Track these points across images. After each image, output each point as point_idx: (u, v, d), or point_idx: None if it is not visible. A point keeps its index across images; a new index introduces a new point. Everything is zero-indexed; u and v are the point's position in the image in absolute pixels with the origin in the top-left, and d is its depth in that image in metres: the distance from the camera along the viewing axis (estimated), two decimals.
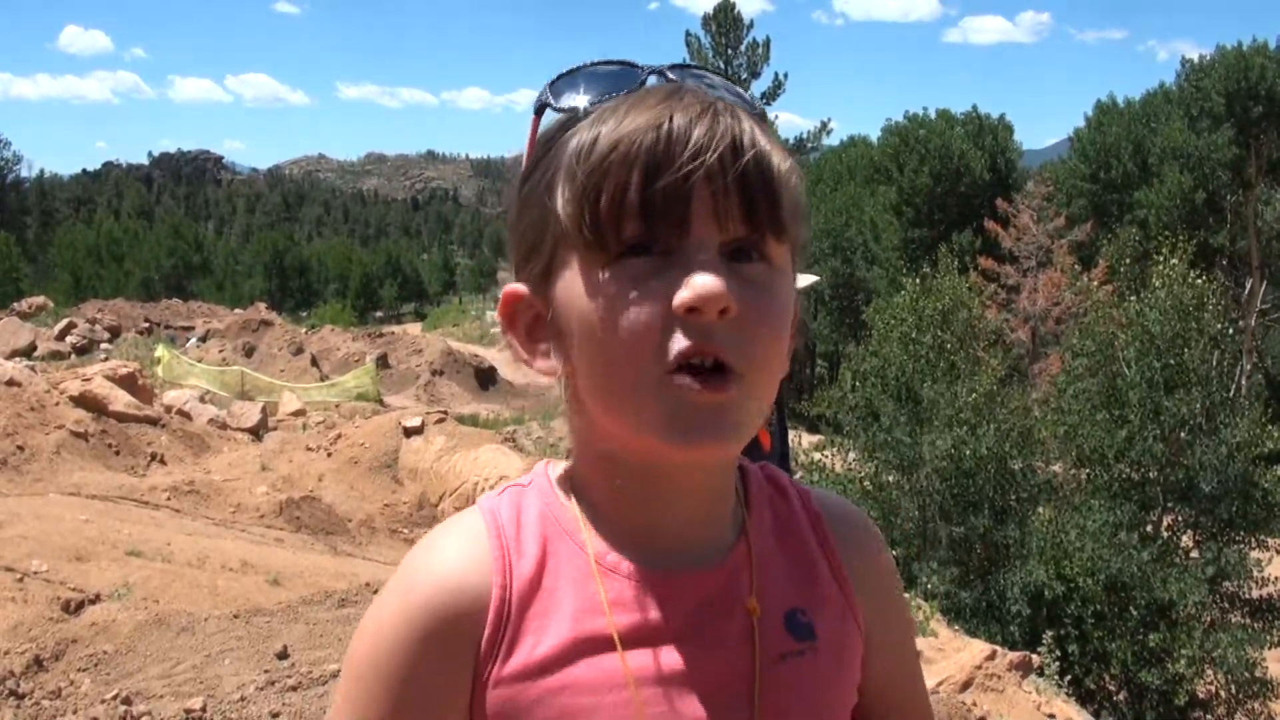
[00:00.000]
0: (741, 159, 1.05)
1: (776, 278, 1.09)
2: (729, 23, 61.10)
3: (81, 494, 12.41)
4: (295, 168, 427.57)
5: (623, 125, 1.07)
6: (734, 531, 1.23)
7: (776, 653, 1.18)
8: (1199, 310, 19.30)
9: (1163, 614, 17.63)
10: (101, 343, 37.96)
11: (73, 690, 6.51)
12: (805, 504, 1.31)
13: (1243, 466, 18.82)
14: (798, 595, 1.23)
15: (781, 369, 1.12)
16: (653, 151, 1.04)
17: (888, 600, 1.32)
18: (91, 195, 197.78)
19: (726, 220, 1.05)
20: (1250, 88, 51.47)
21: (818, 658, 1.20)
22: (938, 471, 18.17)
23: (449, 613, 1.14)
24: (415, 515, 15.14)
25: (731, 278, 1.04)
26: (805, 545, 1.27)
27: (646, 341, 1.04)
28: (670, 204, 1.04)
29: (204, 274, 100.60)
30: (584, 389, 1.12)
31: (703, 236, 1.05)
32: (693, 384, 1.04)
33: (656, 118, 1.06)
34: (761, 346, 1.07)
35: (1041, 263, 41.48)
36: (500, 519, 1.20)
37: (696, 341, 1.03)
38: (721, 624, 1.17)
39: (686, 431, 1.05)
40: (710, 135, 1.05)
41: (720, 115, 1.07)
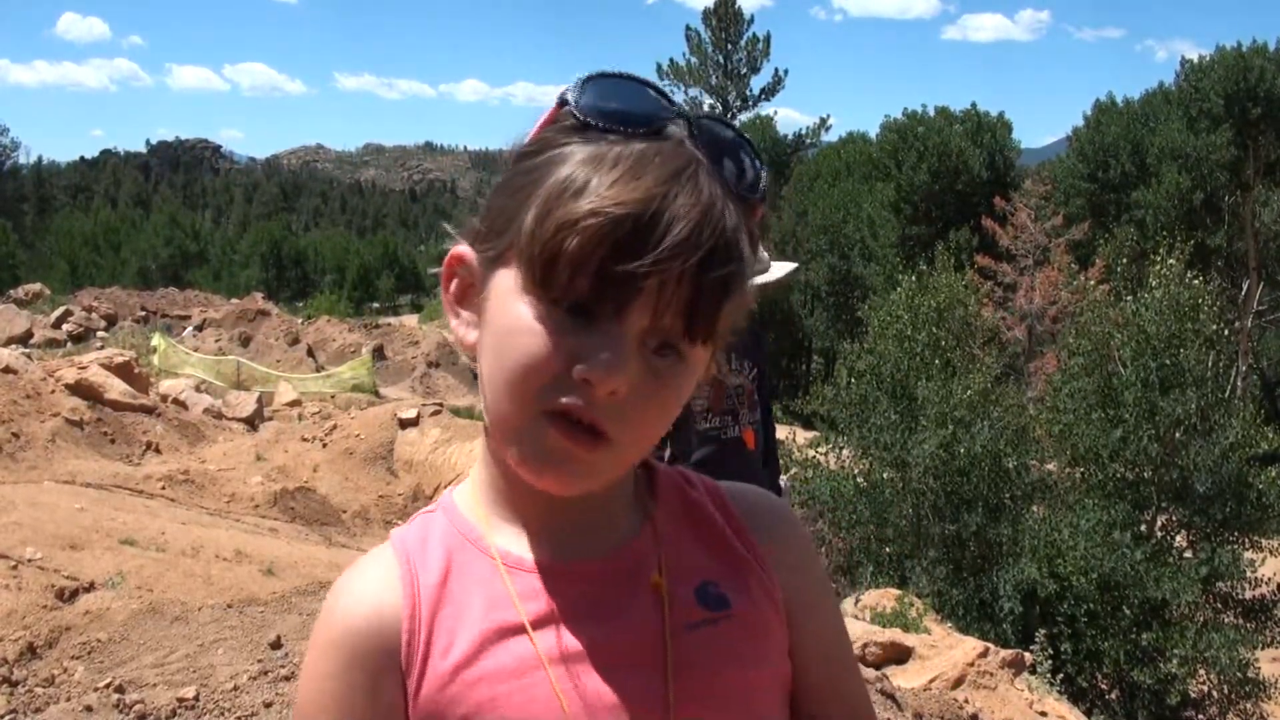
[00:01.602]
0: (704, 277, 1.08)
1: (683, 373, 1.13)
2: (729, 18, 61.12)
3: (76, 482, 12.40)
4: (293, 158, 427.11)
5: (611, 190, 1.07)
6: (638, 521, 1.28)
7: (686, 621, 1.21)
8: (1195, 311, 19.31)
9: (1156, 613, 17.66)
10: (98, 331, 37.94)
11: (66, 678, 6.51)
12: (713, 495, 1.34)
13: (1237, 467, 18.83)
14: (709, 570, 1.26)
15: (658, 436, 1.16)
16: (627, 236, 1.05)
17: (805, 579, 1.34)
18: (89, 183, 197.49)
19: (662, 318, 1.08)
20: (1249, 89, 51.48)
21: (733, 626, 1.23)
22: (930, 470, 18.17)
23: (366, 636, 1.20)
24: (410, 507, 15.12)
25: (638, 365, 1.09)
26: (715, 527, 1.30)
27: (536, 382, 1.09)
28: (619, 289, 1.06)
29: (201, 263, 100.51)
30: (481, 378, 1.18)
31: (631, 324, 1.08)
32: (559, 436, 1.10)
33: (645, 199, 1.06)
34: (641, 426, 1.13)
35: (1039, 261, 41.47)
36: (407, 542, 1.27)
37: (578, 405, 1.09)
38: (627, 600, 1.21)
39: (540, 471, 1.13)
40: (687, 245, 1.06)
41: (709, 224, 1.08)
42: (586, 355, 1.07)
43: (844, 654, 1.39)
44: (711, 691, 1.20)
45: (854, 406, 19.98)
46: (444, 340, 45.25)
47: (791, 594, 1.30)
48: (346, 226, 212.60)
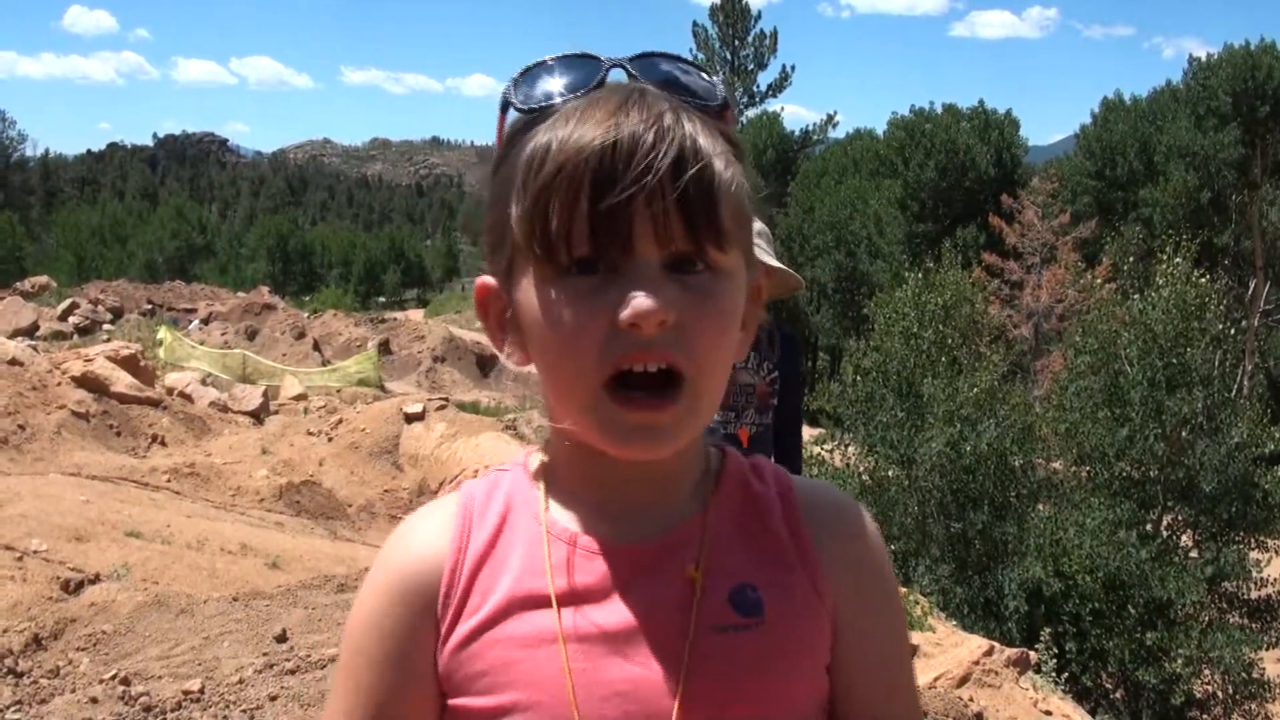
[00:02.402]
0: (682, 178, 1.09)
1: (720, 282, 1.14)
2: (736, 14, 61.01)
3: (82, 474, 12.43)
4: (299, 152, 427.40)
5: (570, 139, 1.10)
6: (692, 509, 1.26)
7: (714, 623, 1.19)
8: (1201, 310, 19.29)
9: (1161, 613, 17.65)
10: (104, 324, 38.03)
11: (71, 670, 6.52)
12: (783, 490, 1.31)
13: (1243, 467, 18.82)
14: (752, 572, 1.23)
15: (728, 363, 1.18)
16: (596, 172, 1.08)
17: (867, 587, 1.29)
18: (96, 176, 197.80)
19: (667, 238, 1.10)
20: (1257, 87, 51.39)
21: (764, 635, 1.20)
22: (937, 468, 18.16)
23: (412, 578, 1.23)
24: (415, 501, 15.14)
25: (673, 289, 1.10)
26: (771, 527, 1.27)
27: (588, 356, 1.11)
28: (614, 225, 1.08)
29: (207, 257, 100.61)
30: (543, 386, 1.21)
31: (645, 254, 1.10)
32: (632, 411, 1.12)
33: (603, 132, 1.09)
34: (704, 348, 1.13)
35: (1045, 259, 41.40)
36: (473, 495, 1.29)
37: (636, 351, 1.10)
38: (659, 590, 1.20)
39: (619, 443, 1.15)
40: (653, 153, 1.08)
41: (667, 129, 1.10)
42: (620, 302, 1.09)
43: (897, 671, 1.33)
44: (724, 698, 1.17)
45: (860, 404, 19.97)
46: (450, 335, 45.27)
47: (844, 602, 1.26)
48: (353, 221, 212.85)
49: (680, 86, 1.20)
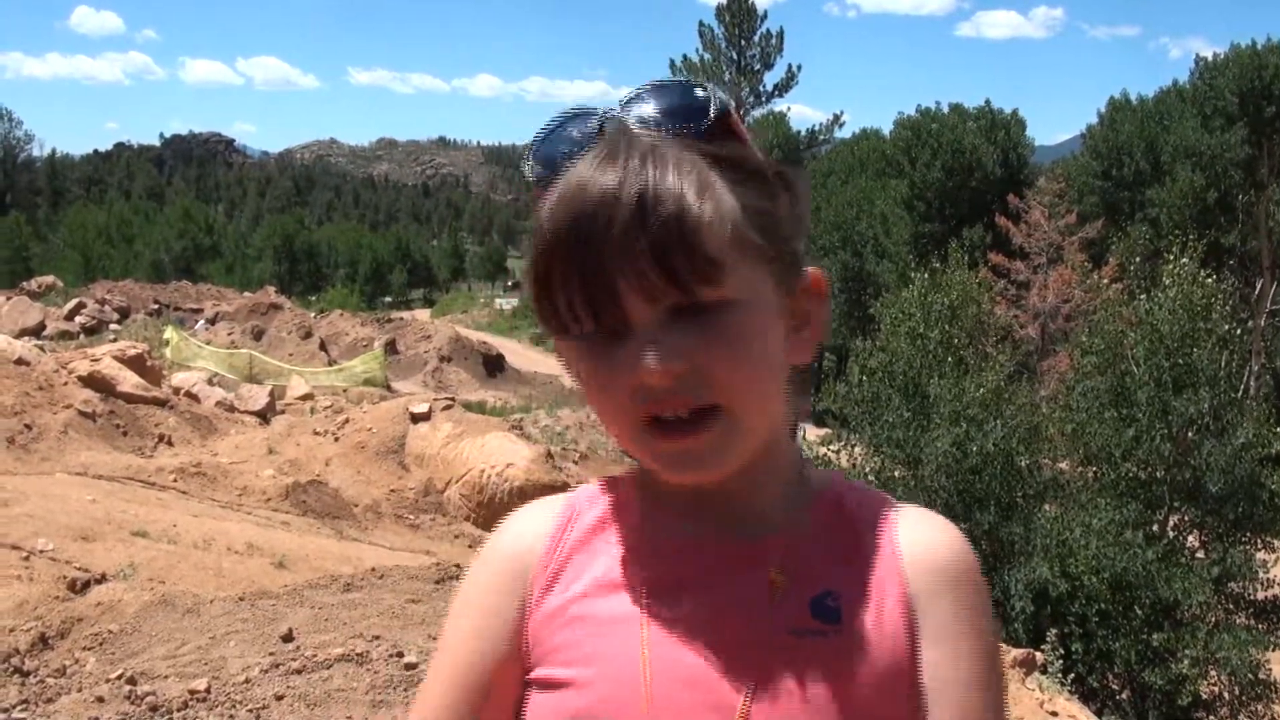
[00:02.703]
0: (646, 230, 1.09)
1: (730, 312, 1.13)
2: (742, 14, 60.98)
3: (88, 474, 12.45)
4: (306, 152, 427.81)
5: (552, 213, 1.14)
6: (781, 521, 1.27)
7: (792, 626, 1.20)
8: (1208, 310, 19.26)
9: (1167, 614, 17.63)
10: (110, 323, 38.10)
11: (77, 669, 6.53)
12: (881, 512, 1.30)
13: (1250, 467, 18.78)
14: (834, 583, 1.23)
15: (768, 379, 1.19)
16: (571, 243, 1.11)
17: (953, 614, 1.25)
18: (102, 176, 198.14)
19: (653, 293, 1.11)
20: (1264, 87, 51.35)
21: (839, 641, 1.20)
22: (943, 468, 18.16)
23: (513, 556, 1.30)
24: (421, 501, 15.18)
25: (679, 336, 1.12)
26: (862, 545, 1.26)
27: (620, 411, 1.16)
28: (599, 294, 1.11)
29: (214, 257, 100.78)
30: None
31: (640, 312, 1.11)
32: (670, 441, 1.15)
33: (575, 202, 1.12)
34: (728, 378, 1.14)
35: (1052, 259, 41.38)
36: (579, 494, 1.36)
37: (657, 405, 1.14)
38: (741, 590, 1.21)
39: (673, 473, 1.19)
40: (613, 212, 1.09)
41: (629, 181, 1.11)
42: (630, 364, 1.11)
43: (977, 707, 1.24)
44: (792, 698, 1.17)
45: (866, 404, 19.96)
46: (456, 335, 45.33)
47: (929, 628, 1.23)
48: (359, 221, 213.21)
49: (672, 115, 1.20)
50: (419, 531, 14.45)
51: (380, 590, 8.02)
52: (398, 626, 7.05)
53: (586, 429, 23.17)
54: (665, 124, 1.18)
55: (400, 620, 7.23)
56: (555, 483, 15.49)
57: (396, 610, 7.46)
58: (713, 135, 1.19)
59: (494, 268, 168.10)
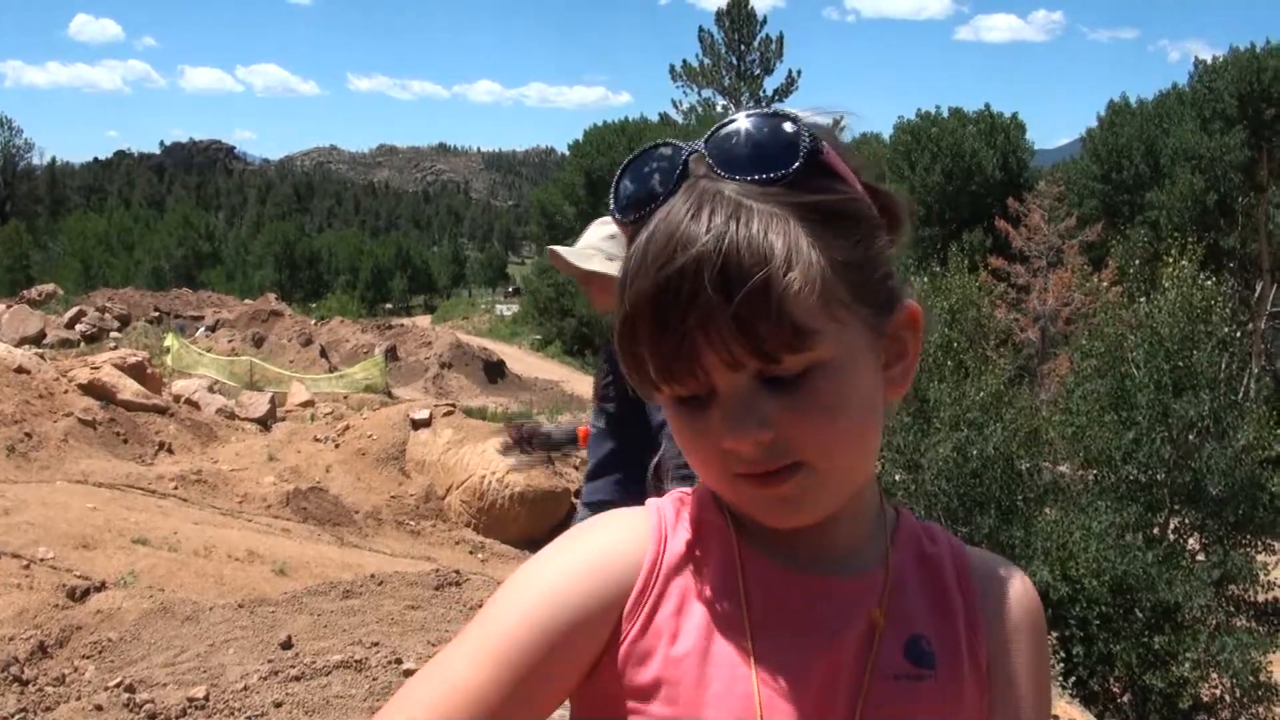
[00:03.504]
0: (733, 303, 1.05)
1: (819, 376, 1.10)
2: (742, 19, 61.15)
3: (89, 482, 12.45)
4: (306, 159, 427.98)
5: (634, 278, 1.10)
6: (875, 557, 1.26)
7: (890, 671, 1.20)
8: (1208, 313, 19.27)
9: (1168, 616, 17.62)
10: (111, 331, 38.05)
11: (77, 677, 6.53)
12: (954, 551, 1.33)
13: (1250, 470, 18.78)
14: (926, 625, 1.24)
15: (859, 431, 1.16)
16: (654, 313, 1.08)
17: (1022, 656, 1.30)
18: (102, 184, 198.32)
19: (737, 363, 1.07)
20: (1263, 90, 51.34)
21: (933, 687, 1.21)
22: (943, 472, 18.16)
23: (610, 564, 1.21)
24: (422, 508, 15.18)
25: (765, 405, 1.09)
26: (943, 584, 1.29)
27: (710, 469, 1.15)
28: (682, 364, 1.08)
29: (214, 264, 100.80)
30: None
31: (723, 383, 1.09)
32: (756, 488, 1.13)
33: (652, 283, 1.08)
34: (815, 442, 1.11)
35: (1052, 263, 41.33)
36: (662, 508, 1.28)
37: (748, 468, 1.11)
38: (844, 629, 1.20)
39: (764, 516, 1.16)
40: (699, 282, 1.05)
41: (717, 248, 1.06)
42: (717, 432, 1.10)
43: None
44: None
45: None
46: (457, 341, 45.35)
47: (998, 668, 1.28)
48: (360, 227, 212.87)
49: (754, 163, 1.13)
50: (420, 538, 14.45)
51: (379, 597, 8.02)
52: (397, 633, 7.05)
53: None
54: (751, 172, 1.12)
55: (399, 627, 7.23)
56: (556, 489, 15.50)
57: (396, 617, 7.46)
58: (803, 177, 1.13)
59: (494, 273, 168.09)
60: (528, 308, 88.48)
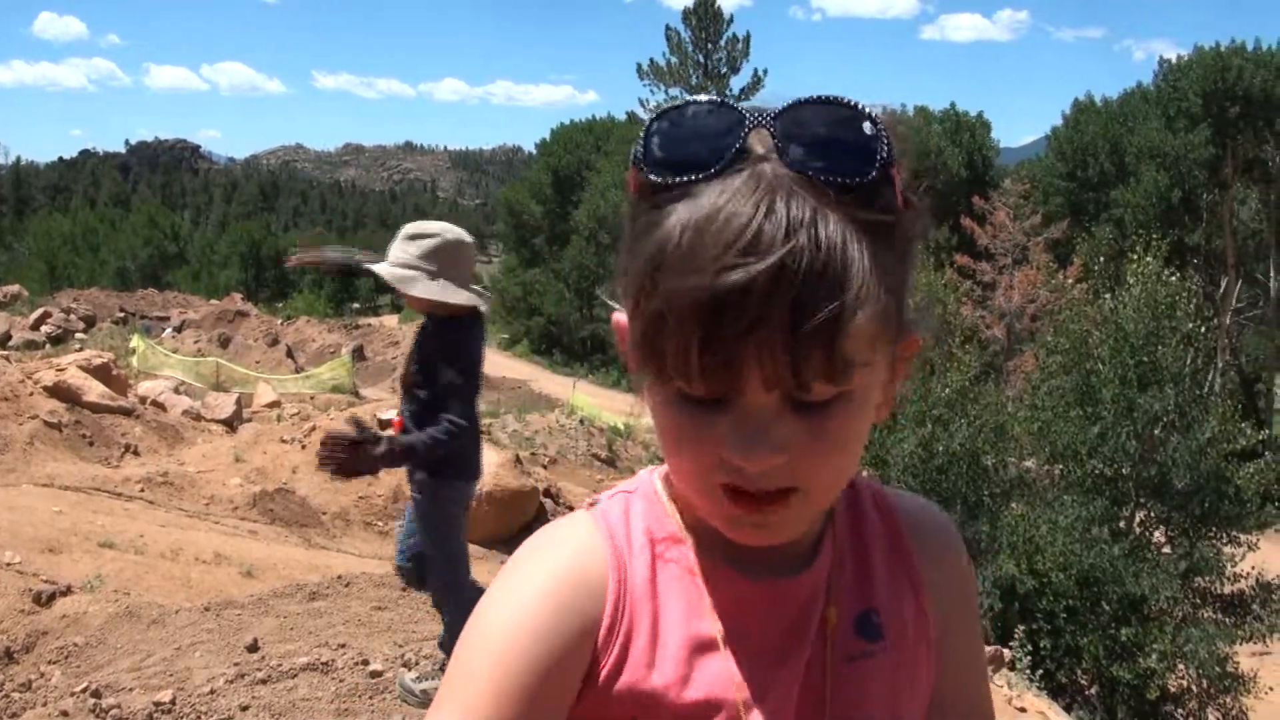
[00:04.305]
0: (801, 329, 0.96)
1: (840, 408, 1.04)
2: (708, 17, 61.25)
3: (55, 485, 12.38)
4: (272, 158, 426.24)
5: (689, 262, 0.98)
6: (816, 536, 1.25)
7: (846, 654, 1.21)
8: (1173, 308, 19.39)
9: (1134, 609, 17.74)
10: (76, 332, 37.85)
11: (43, 683, 6.50)
12: (881, 506, 1.32)
13: (1215, 463, 18.91)
14: (870, 597, 1.25)
15: (852, 465, 1.12)
16: (709, 319, 0.97)
17: (961, 608, 1.33)
18: (68, 183, 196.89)
19: (777, 382, 1.00)
20: (1227, 88, 51.65)
21: (886, 659, 1.22)
22: (909, 469, 18.23)
23: (578, 591, 1.15)
24: (390, 508, 15.11)
25: (786, 428, 1.03)
26: (879, 549, 1.28)
27: (699, 472, 1.07)
28: (722, 369, 1.00)
29: (180, 264, 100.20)
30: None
31: (755, 394, 1.01)
32: (743, 508, 1.07)
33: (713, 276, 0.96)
34: (819, 473, 1.07)
35: (1017, 260, 41.50)
36: (610, 520, 1.23)
37: (745, 483, 1.05)
38: (804, 627, 1.20)
39: (736, 533, 1.11)
40: (767, 302, 0.96)
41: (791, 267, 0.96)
42: (728, 440, 1.03)
43: (978, 688, 1.38)
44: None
45: None
46: None
47: (945, 621, 1.30)
48: (326, 227, 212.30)
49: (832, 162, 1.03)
50: (388, 538, 14.39)
51: (346, 598, 8.01)
52: (364, 634, 7.04)
53: (556, 434, 23.19)
54: (828, 173, 1.02)
55: (366, 628, 7.22)
56: (524, 488, 15.46)
57: (363, 618, 7.45)
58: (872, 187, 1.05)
59: None
60: (495, 307, 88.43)
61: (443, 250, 5.64)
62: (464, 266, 5.72)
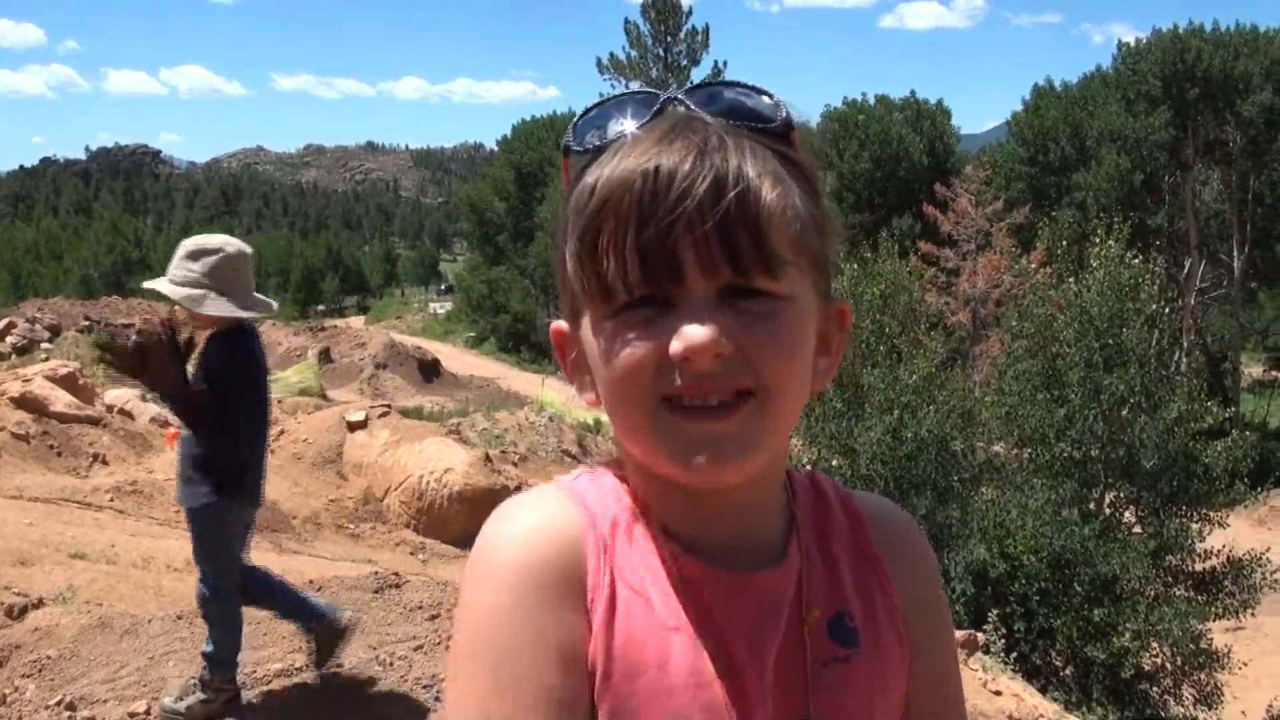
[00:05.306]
0: (721, 204, 1.06)
1: (784, 309, 1.10)
2: (667, 10, 61.26)
3: (24, 497, 12.30)
4: (233, 160, 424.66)
5: (612, 174, 1.10)
6: (783, 536, 1.25)
7: (822, 658, 1.20)
8: (1136, 290, 19.47)
9: (1107, 589, 17.81)
10: (42, 342, 37.59)
11: (17, 697, 6.47)
12: (847, 507, 1.33)
13: (1183, 442, 19.01)
14: (842, 600, 1.25)
15: (803, 389, 1.15)
16: (638, 204, 1.07)
17: (929, 605, 1.34)
18: (29, 192, 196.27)
19: (713, 267, 1.07)
20: (1187, 70, 51.84)
21: (861, 663, 1.22)
22: (878, 456, 18.27)
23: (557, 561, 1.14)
24: (361, 510, 15.10)
25: (729, 317, 1.07)
26: (847, 550, 1.29)
27: (642, 384, 1.09)
28: (659, 257, 1.06)
29: (143, 270, 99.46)
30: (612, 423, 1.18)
31: (696, 285, 1.07)
32: (695, 422, 1.08)
33: (642, 164, 1.08)
34: (772, 368, 1.09)
35: (981, 246, 41.60)
36: (579, 487, 1.24)
37: (690, 382, 1.07)
38: (776, 625, 1.19)
39: (687, 461, 1.10)
40: (689, 179, 1.06)
41: (707, 155, 1.08)
42: (673, 336, 1.07)
43: (951, 682, 1.37)
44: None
45: None
46: (391, 341, 45.14)
47: (915, 620, 1.30)
48: (289, 229, 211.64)
49: (742, 112, 1.17)
50: (360, 541, 14.38)
51: None
52: None
53: (525, 431, 23.13)
54: (738, 118, 1.16)
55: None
56: (495, 486, 15.45)
57: None
58: (780, 138, 1.18)
59: (427, 272, 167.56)
60: (460, 305, 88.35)
61: (226, 265, 5.66)
62: (247, 278, 5.74)
